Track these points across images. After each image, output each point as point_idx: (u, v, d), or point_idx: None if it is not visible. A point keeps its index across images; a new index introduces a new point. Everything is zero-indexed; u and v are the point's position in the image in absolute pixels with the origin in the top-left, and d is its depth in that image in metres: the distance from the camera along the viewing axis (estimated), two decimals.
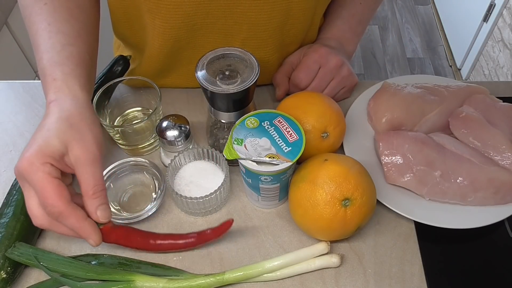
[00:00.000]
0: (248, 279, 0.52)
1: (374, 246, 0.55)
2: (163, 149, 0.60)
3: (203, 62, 0.53)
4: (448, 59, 2.20)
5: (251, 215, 0.58)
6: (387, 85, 0.66)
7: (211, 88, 0.51)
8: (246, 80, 0.52)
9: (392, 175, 0.58)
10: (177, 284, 0.50)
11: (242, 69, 0.53)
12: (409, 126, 0.62)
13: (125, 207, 0.58)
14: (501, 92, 0.70)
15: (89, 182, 0.45)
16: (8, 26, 1.27)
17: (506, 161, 0.57)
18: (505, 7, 1.74)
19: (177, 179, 0.58)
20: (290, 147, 0.51)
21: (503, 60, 1.75)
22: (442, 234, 0.56)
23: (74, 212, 0.45)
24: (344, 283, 0.52)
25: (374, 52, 2.26)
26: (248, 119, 0.53)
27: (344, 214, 0.49)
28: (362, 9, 0.71)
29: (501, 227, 0.57)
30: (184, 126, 0.58)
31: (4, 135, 0.67)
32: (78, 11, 0.55)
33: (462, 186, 0.56)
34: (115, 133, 0.60)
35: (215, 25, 0.60)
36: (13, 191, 0.56)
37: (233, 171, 0.61)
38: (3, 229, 0.52)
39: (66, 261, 0.52)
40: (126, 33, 0.67)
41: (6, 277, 0.50)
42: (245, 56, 0.54)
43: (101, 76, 0.66)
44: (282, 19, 0.60)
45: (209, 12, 0.58)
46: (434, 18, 2.41)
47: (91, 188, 0.45)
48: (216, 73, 0.53)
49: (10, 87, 0.74)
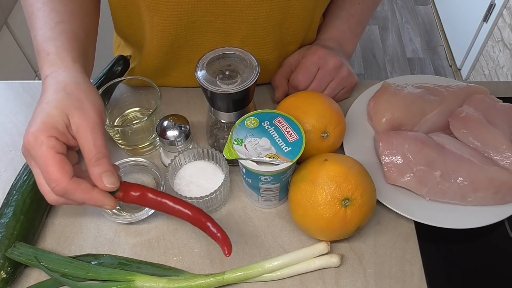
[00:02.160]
0: (248, 279, 0.52)
1: (374, 246, 0.55)
2: (163, 149, 0.60)
3: (203, 62, 0.53)
4: (448, 59, 2.20)
5: (251, 215, 0.58)
6: (387, 85, 0.66)
7: (211, 88, 0.51)
8: (246, 80, 0.52)
9: (392, 175, 0.58)
10: (177, 284, 0.50)
11: (242, 69, 0.53)
12: (409, 126, 0.62)
13: (125, 207, 0.58)
14: (501, 92, 0.70)
15: (91, 149, 0.45)
16: (8, 26, 1.27)
17: (506, 161, 0.57)
18: (505, 7, 1.74)
19: (177, 179, 0.58)
20: (290, 147, 0.51)
21: (503, 60, 1.75)
22: (442, 234, 0.56)
23: (79, 186, 0.44)
24: (344, 283, 0.52)
25: (374, 52, 2.26)
26: (248, 119, 0.53)
27: (344, 214, 0.49)
28: (361, 9, 0.71)
29: (501, 227, 0.57)
30: (184, 126, 0.58)
31: (4, 135, 0.67)
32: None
33: (462, 186, 0.56)
34: (115, 133, 0.60)
35: (214, 23, 0.60)
36: (13, 191, 0.56)
37: (233, 171, 0.61)
38: (3, 229, 0.52)
39: (66, 261, 0.52)
40: (126, 30, 0.67)
41: (6, 277, 0.50)
42: (245, 56, 0.54)
43: (101, 76, 0.66)
44: (281, 17, 0.60)
45: (208, 10, 0.58)
46: (434, 18, 2.41)
47: (93, 155, 0.44)
48: (216, 73, 0.53)
49: (10, 87, 0.74)
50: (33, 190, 0.55)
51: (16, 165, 0.63)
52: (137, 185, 0.49)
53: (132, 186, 0.48)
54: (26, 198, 0.54)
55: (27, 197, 0.55)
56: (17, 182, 0.56)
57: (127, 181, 0.49)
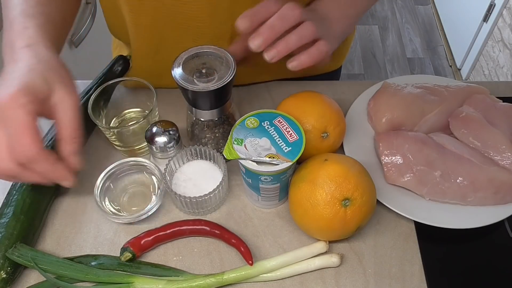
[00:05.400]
0: (248, 279, 0.52)
1: (374, 246, 0.55)
2: (154, 157, 0.59)
3: (179, 62, 0.53)
4: (448, 59, 2.20)
5: (251, 215, 0.58)
6: (387, 85, 0.66)
7: (191, 87, 0.51)
8: (224, 76, 0.52)
9: (392, 175, 0.58)
10: (176, 285, 0.50)
11: (218, 66, 0.54)
12: (409, 126, 0.62)
13: (125, 207, 0.58)
14: (501, 92, 0.70)
15: (68, 126, 0.45)
16: None
17: (506, 161, 0.57)
18: (505, 7, 1.74)
19: (175, 179, 0.58)
20: (290, 147, 0.51)
21: (503, 60, 1.75)
22: (442, 234, 0.56)
23: (48, 156, 0.44)
24: (344, 283, 0.52)
25: (374, 52, 2.26)
26: (248, 119, 0.53)
27: (344, 214, 0.49)
28: None
29: (501, 227, 0.57)
30: (172, 129, 0.58)
31: None
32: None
33: (462, 186, 0.56)
34: (111, 134, 0.60)
35: (200, 28, 0.59)
36: (13, 191, 0.55)
37: (233, 171, 0.61)
38: (3, 229, 0.52)
39: (66, 264, 0.52)
40: (119, 30, 0.67)
41: (6, 277, 0.50)
42: (220, 53, 0.54)
43: (101, 76, 0.66)
44: None
45: (194, 15, 0.57)
46: (434, 18, 2.41)
47: (69, 132, 0.45)
48: (193, 72, 0.53)
49: None
50: (33, 190, 0.55)
51: None
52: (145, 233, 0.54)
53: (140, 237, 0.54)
54: (26, 198, 0.54)
55: (27, 197, 0.55)
56: (17, 182, 0.56)
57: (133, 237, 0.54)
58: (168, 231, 0.54)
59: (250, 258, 0.51)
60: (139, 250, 0.53)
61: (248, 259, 0.51)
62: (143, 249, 0.53)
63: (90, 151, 0.64)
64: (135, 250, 0.52)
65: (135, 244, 0.53)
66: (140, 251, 0.53)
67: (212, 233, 0.54)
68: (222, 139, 0.60)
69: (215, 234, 0.54)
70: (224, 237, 0.54)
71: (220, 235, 0.54)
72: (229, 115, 0.59)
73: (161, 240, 0.55)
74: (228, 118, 0.60)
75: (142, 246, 0.53)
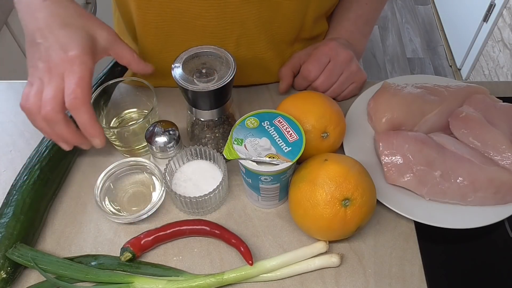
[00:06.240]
0: (248, 279, 0.52)
1: (374, 246, 0.55)
2: (154, 157, 0.60)
3: (179, 62, 0.53)
4: (448, 59, 2.20)
5: (251, 215, 0.58)
6: (387, 85, 0.66)
7: (191, 87, 0.51)
8: (224, 76, 0.52)
9: (392, 175, 0.58)
10: (176, 285, 0.50)
11: (218, 66, 0.54)
12: (409, 126, 0.62)
13: (125, 207, 0.58)
14: (501, 92, 0.70)
15: (128, 51, 0.55)
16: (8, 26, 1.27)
17: (506, 161, 0.57)
18: (505, 7, 1.74)
19: (175, 179, 0.58)
20: (290, 147, 0.51)
21: (503, 60, 1.75)
22: (442, 234, 0.56)
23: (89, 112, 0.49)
24: (344, 283, 0.52)
25: (374, 52, 2.26)
26: (248, 119, 0.53)
27: (344, 214, 0.49)
28: (368, 9, 0.71)
29: (501, 227, 0.57)
30: (172, 129, 0.58)
31: (4, 135, 0.67)
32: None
33: (462, 186, 0.56)
34: (111, 134, 0.60)
35: (207, 27, 0.60)
36: (13, 191, 0.56)
37: (233, 171, 0.61)
38: (3, 229, 0.52)
39: (66, 264, 0.52)
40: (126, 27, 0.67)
41: (6, 277, 0.50)
42: (220, 53, 0.54)
43: (102, 76, 0.66)
44: (270, 15, 0.61)
45: (199, 13, 0.58)
46: (434, 18, 2.41)
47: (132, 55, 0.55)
48: (193, 72, 0.53)
49: (10, 87, 0.74)
50: (33, 190, 0.55)
51: (16, 165, 0.63)
52: (144, 234, 0.54)
53: (140, 237, 0.54)
54: (26, 198, 0.54)
55: (27, 197, 0.55)
56: (17, 182, 0.56)
57: (133, 237, 0.54)
58: (168, 231, 0.54)
59: (250, 258, 0.51)
60: (139, 250, 0.53)
61: (248, 259, 0.51)
62: (143, 249, 0.53)
63: (90, 151, 0.64)
64: (135, 250, 0.52)
65: (135, 244, 0.53)
66: (140, 251, 0.53)
67: (212, 233, 0.54)
68: (222, 139, 0.60)
69: (215, 234, 0.54)
70: (224, 237, 0.54)
71: (220, 235, 0.54)
72: (229, 115, 0.59)
73: (161, 240, 0.55)
74: (228, 118, 0.60)
75: (142, 246, 0.53)
